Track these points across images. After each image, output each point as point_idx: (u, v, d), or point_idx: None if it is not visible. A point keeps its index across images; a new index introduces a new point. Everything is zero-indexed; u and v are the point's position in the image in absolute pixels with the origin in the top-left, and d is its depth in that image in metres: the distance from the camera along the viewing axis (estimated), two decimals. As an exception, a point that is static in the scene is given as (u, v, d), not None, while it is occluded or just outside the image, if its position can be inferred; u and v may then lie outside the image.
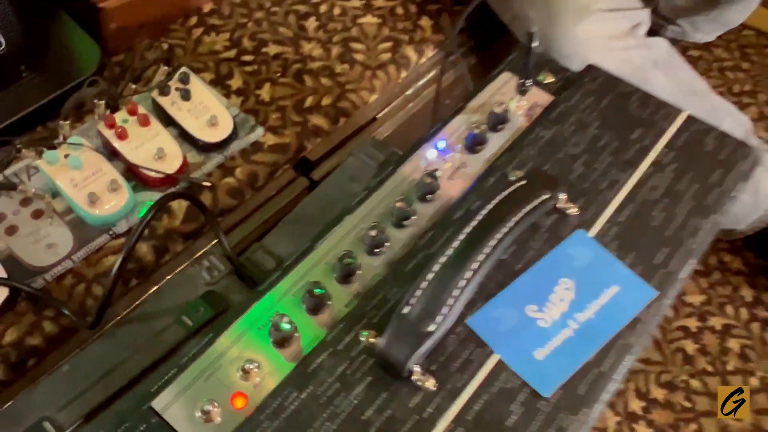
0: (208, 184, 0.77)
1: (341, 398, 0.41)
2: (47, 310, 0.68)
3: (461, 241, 0.42)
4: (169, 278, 0.73)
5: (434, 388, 0.41)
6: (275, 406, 0.41)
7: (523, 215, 0.44)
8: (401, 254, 0.49)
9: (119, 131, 0.75)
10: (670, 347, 0.96)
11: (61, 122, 0.75)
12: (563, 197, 0.49)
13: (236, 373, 0.44)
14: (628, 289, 0.46)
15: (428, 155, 0.55)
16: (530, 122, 0.56)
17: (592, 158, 0.53)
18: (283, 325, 0.44)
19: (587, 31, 0.78)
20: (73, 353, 0.65)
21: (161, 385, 0.43)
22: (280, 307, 0.46)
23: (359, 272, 0.48)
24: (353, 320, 0.45)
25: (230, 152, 0.80)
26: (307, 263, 0.49)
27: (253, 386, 0.43)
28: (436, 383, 0.42)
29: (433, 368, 0.42)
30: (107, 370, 0.57)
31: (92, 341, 0.62)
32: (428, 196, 0.52)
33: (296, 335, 0.45)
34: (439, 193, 0.52)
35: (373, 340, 0.43)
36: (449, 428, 0.40)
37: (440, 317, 0.41)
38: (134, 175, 0.75)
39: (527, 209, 0.44)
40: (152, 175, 0.74)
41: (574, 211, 0.49)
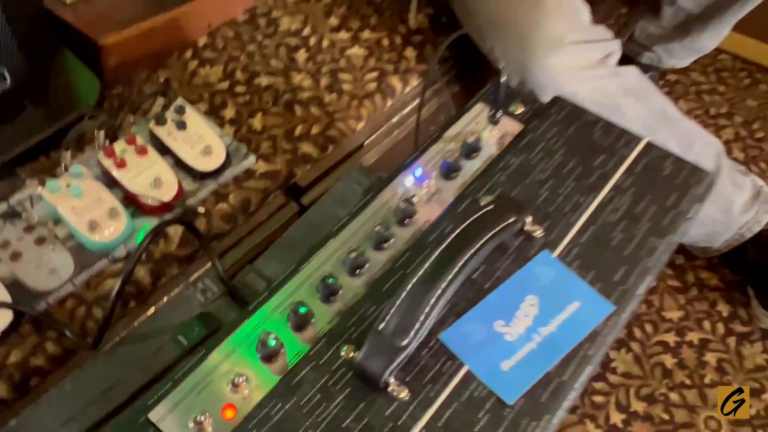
0: (202, 210, 0.81)
1: (322, 408, 0.45)
2: (50, 331, 0.71)
3: (431, 261, 0.46)
4: (165, 300, 0.76)
5: (408, 397, 0.45)
6: (262, 415, 0.45)
7: (488, 238, 0.48)
8: (380, 274, 0.53)
9: (118, 161, 0.79)
10: (649, 362, 0.99)
11: (63, 152, 0.80)
12: (529, 220, 0.53)
13: (227, 386, 0.47)
14: (588, 304, 0.50)
15: (406, 182, 0.59)
16: (501, 150, 0.61)
17: (557, 183, 0.57)
18: (269, 341, 0.48)
19: (560, 62, 0.83)
20: (74, 372, 0.69)
21: (157, 398, 0.47)
22: (267, 325, 0.50)
23: (341, 292, 0.52)
24: (334, 336, 0.48)
25: (224, 179, 0.84)
26: (292, 284, 0.53)
27: (242, 398, 0.47)
28: (409, 393, 0.45)
29: (407, 379, 0.46)
30: (107, 387, 0.61)
31: (92, 360, 0.66)
32: (406, 220, 0.56)
33: (282, 351, 0.48)
34: (415, 217, 0.56)
35: (352, 354, 0.47)
36: (422, 434, 0.44)
37: (413, 332, 0.45)
38: (132, 202, 0.79)
39: (492, 232, 0.48)
40: (149, 202, 0.78)
41: (539, 233, 0.53)
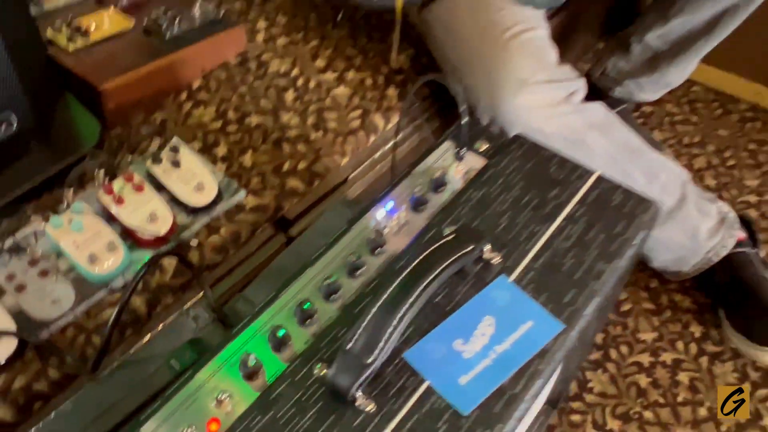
0: (195, 243, 0.86)
1: (297, 420, 0.50)
2: (52, 358, 0.76)
3: (394, 287, 0.52)
4: (160, 328, 0.81)
5: (374, 410, 0.50)
6: (242, 428, 0.50)
7: (446, 265, 0.53)
8: (352, 299, 0.58)
9: (116, 197, 0.85)
10: (624, 381, 1.03)
11: (65, 190, 0.86)
12: (488, 248, 0.59)
13: (212, 402, 0.52)
14: (539, 323, 0.55)
15: (378, 215, 0.65)
16: (465, 184, 0.66)
17: (515, 214, 0.63)
18: (250, 361, 0.53)
19: (527, 100, 0.89)
20: (74, 396, 0.74)
21: (149, 414, 0.52)
22: (249, 346, 0.55)
23: (316, 315, 0.57)
24: (309, 356, 0.53)
25: (216, 213, 0.89)
26: (273, 309, 0.58)
27: (225, 413, 0.52)
28: (375, 406, 0.50)
29: (373, 394, 0.51)
30: (104, 409, 0.65)
31: (91, 384, 0.71)
32: (377, 249, 0.62)
33: (262, 369, 0.53)
34: (386, 246, 0.62)
35: (324, 371, 0.52)
36: (387, 443, 0.49)
37: (377, 350, 0.50)
38: (130, 236, 0.85)
39: (450, 260, 0.54)
40: (145, 236, 0.83)
41: (497, 259, 0.59)
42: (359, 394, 0.50)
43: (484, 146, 0.70)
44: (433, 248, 0.54)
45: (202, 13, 1.10)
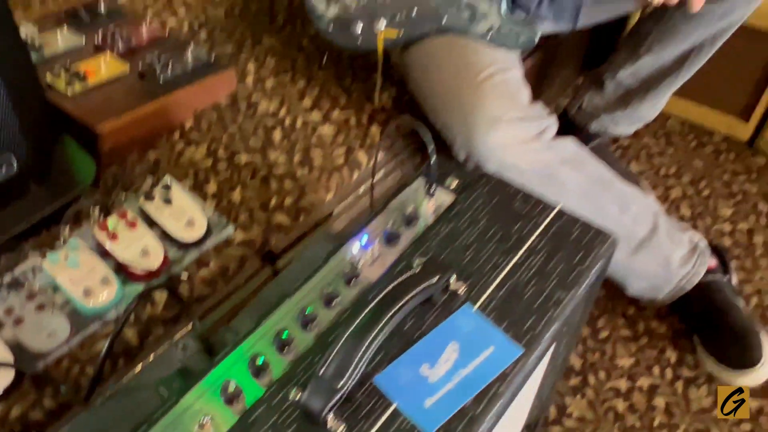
0: (185, 277, 0.90)
1: (273, 442, 0.54)
2: (47, 388, 0.80)
3: (363, 316, 0.56)
4: (151, 358, 0.85)
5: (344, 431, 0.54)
6: (222, 449, 0.54)
7: (412, 296, 0.58)
8: (327, 328, 0.62)
9: (111, 234, 0.89)
10: (602, 406, 1.07)
11: (62, 228, 0.90)
12: (453, 279, 0.63)
13: (195, 425, 0.56)
14: (500, 348, 0.59)
15: (353, 249, 0.69)
16: (435, 219, 0.71)
17: (480, 246, 0.67)
18: (231, 387, 0.57)
19: (500, 138, 0.94)
20: (68, 425, 0.77)
21: (136, 437, 0.56)
22: (230, 373, 0.59)
23: (293, 343, 0.61)
24: (285, 381, 0.57)
25: (205, 248, 0.94)
26: (253, 338, 0.62)
27: (207, 436, 0.55)
28: (346, 428, 0.54)
29: (344, 416, 0.55)
30: (96, 436, 0.69)
31: (84, 413, 0.74)
32: (352, 281, 0.66)
33: (242, 395, 0.57)
34: (360, 278, 0.66)
35: (298, 395, 0.55)
36: (356, 462, 0.53)
37: (348, 375, 0.54)
38: (123, 270, 0.89)
39: (416, 291, 0.58)
40: (138, 271, 0.88)
41: (462, 289, 0.63)
42: (331, 416, 0.54)
43: (454, 183, 0.75)
44: (400, 280, 0.59)
45: (194, 57, 1.16)
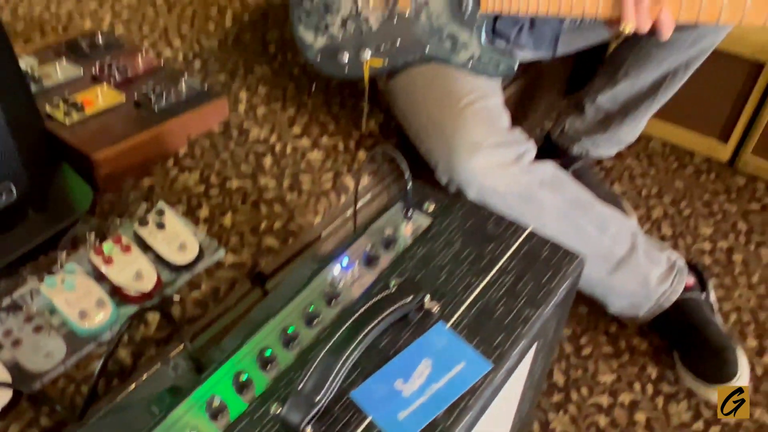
0: (177, 298, 0.94)
1: (254, 453, 0.57)
2: (44, 407, 0.83)
3: (340, 334, 0.59)
4: (144, 378, 0.88)
5: (322, 443, 0.57)
6: (207, 461, 0.57)
7: (386, 315, 0.61)
8: (308, 345, 0.66)
9: (106, 258, 0.93)
10: (585, 422, 1.10)
11: (59, 253, 0.94)
12: (428, 298, 0.67)
13: (181, 440, 0.59)
14: (470, 364, 0.63)
15: (335, 271, 0.73)
16: (412, 241, 0.75)
17: (454, 267, 0.71)
18: (215, 402, 0.60)
19: (480, 162, 0.98)
20: (63, 442, 0.81)
21: (125, 451, 0.59)
22: (216, 389, 0.63)
23: (276, 361, 0.64)
24: (267, 396, 0.61)
25: (197, 271, 0.97)
26: (238, 356, 0.66)
27: (193, 449, 0.59)
28: (323, 439, 0.57)
29: (322, 429, 0.58)
30: (90, 452, 0.72)
31: (78, 430, 0.78)
32: (332, 301, 0.70)
33: (226, 410, 0.61)
34: (340, 298, 0.70)
35: (279, 410, 0.59)
36: (333, 472, 0.56)
37: (325, 390, 0.57)
38: (118, 293, 0.92)
39: (390, 310, 0.62)
40: (132, 293, 0.91)
41: (436, 308, 0.67)
42: (309, 429, 0.57)
43: (431, 206, 0.79)
44: (374, 300, 0.62)
45: (188, 86, 1.20)
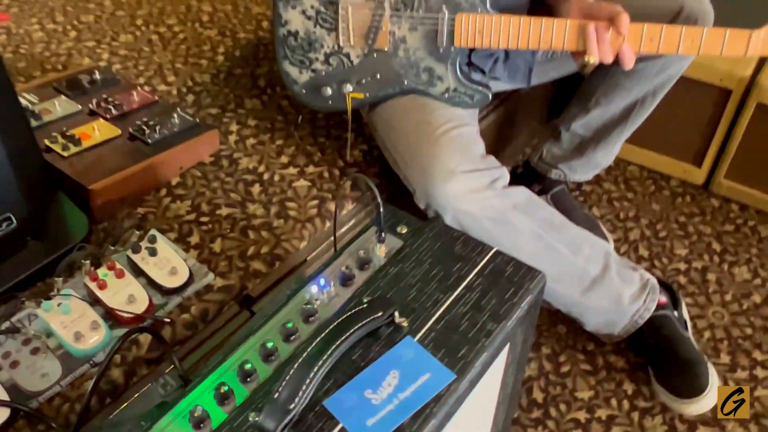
0: (168, 321, 0.99)
1: (233, 459, 0.61)
2: (40, 425, 0.87)
3: (313, 347, 0.64)
4: (135, 396, 0.93)
5: (296, 448, 0.62)
6: (188, 466, 0.61)
7: (356, 329, 0.66)
8: (285, 360, 0.70)
9: (100, 283, 0.98)
10: (563, 437, 1.14)
11: (55, 278, 0.99)
12: (398, 314, 0.71)
13: (165, 448, 0.64)
14: (435, 374, 0.67)
15: (312, 290, 0.78)
16: (385, 262, 0.80)
17: (423, 285, 0.76)
18: (198, 413, 0.65)
19: (455, 188, 1.03)
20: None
21: (114, 459, 0.64)
22: (199, 400, 0.67)
23: (255, 374, 0.69)
24: (246, 406, 0.65)
25: (187, 294, 1.02)
26: (221, 369, 0.70)
27: (176, 456, 0.63)
28: (297, 445, 0.62)
29: (296, 435, 0.63)
30: (82, 466, 0.77)
31: (71, 446, 0.82)
32: (309, 318, 0.74)
33: (208, 419, 0.65)
34: (317, 316, 0.75)
35: (256, 418, 0.63)
36: (306, 475, 0.60)
37: (298, 398, 0.62)
38: (111, 315, 0.97)
39: (360, 325, 0.67)
40: (125, 315, 0.96)
41: (405, 323, 0.72)
42: (284, 435, 0.62)
43: (404, 229, 0.84)
44: (346, 315, 0.67)
45: (180, 119, 1.26)
